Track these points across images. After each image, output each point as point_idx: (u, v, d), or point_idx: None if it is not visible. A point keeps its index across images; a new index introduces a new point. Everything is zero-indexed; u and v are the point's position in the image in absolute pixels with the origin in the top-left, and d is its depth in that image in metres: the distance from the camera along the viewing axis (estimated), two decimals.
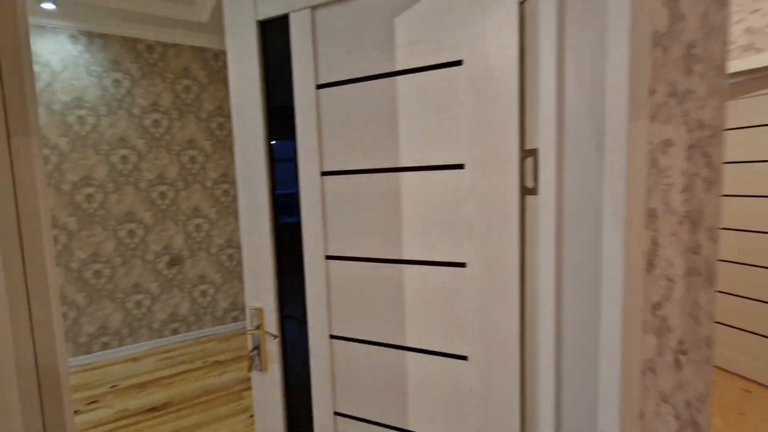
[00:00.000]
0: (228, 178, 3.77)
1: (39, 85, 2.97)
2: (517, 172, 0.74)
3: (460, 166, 0.81)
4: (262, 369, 1.07)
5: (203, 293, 3.71)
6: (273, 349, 1.06)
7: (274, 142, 1.03)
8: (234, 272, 3.85)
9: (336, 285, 0.97)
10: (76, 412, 2.51)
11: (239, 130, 1.02)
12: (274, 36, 0.99)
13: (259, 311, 1.05)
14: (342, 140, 0.92)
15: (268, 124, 1.01)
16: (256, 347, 1.07)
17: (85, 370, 3.09)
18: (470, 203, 0.79)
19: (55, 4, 2.77)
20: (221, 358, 3.24)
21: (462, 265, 0.82)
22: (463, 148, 0.80)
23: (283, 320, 1.07)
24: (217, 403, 2.58)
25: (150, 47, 3.34)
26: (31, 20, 2.90)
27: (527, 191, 0.75)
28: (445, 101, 0.81)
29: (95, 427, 2.36)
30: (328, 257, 0.96)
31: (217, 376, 2.92)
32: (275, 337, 1.04)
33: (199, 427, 2.33)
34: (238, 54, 1.00)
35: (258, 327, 1.05)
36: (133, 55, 3.28)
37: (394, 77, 0.86)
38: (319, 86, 0.93)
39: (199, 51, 3.56)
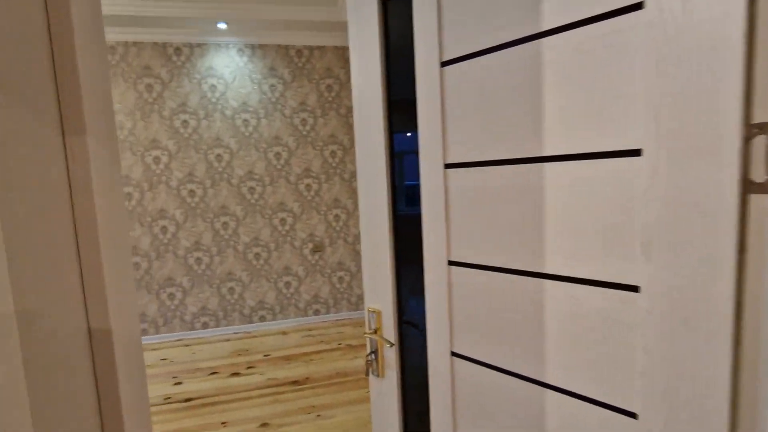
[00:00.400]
0: None
1: (215, 94, 3.53)
2: (736, 160, 0.49)
3: (635, 153, 0.58)
4: (379, 375, 1.00)
5: (341, 279, 3.96)
6: (390, 356, 0.98)
7: (395, 132, 0.94)
8: None
9: (459, 295, 0.83)
10: (236, 374, 2.94)
11: (359, 118, 0.96)
12: (395, 14, 0.89)
13: (377, 314, 0.99)
14: (470, 126, 0.77)
15: (389, 112, 0.92)
16: (374, 351, 1.01)
17: (247, 338, 3.60)
18: (651, 204, 0.56)
19: (226, 24, 3.23)
20: (354, 342, 3.41)
21: (634, 288, 0.60)
22: (641, 127, 0.57)
23: (401, 326, 0.99)
24: (347, 386, 2.70)
25: (299, 51, 3.66)
26: (210, 39, 3.44)
27: (753, 188, 0.49)
28: (612, 63, 0.59)
29: (252, 390, 2.72)
30: (451, 263, 0.83)
31: (350, 360, 3.07)
32: (392, 345, 0.96)
33: (332, 407, 2.47)
34: (359, 36, 0.94)
35: (375, 331, 0.99)
36: (286, 60, 3.64)
37: (539, 40, 0.67)
38: (444, 63, 0.79)
39: (340, 50, 3.75)
